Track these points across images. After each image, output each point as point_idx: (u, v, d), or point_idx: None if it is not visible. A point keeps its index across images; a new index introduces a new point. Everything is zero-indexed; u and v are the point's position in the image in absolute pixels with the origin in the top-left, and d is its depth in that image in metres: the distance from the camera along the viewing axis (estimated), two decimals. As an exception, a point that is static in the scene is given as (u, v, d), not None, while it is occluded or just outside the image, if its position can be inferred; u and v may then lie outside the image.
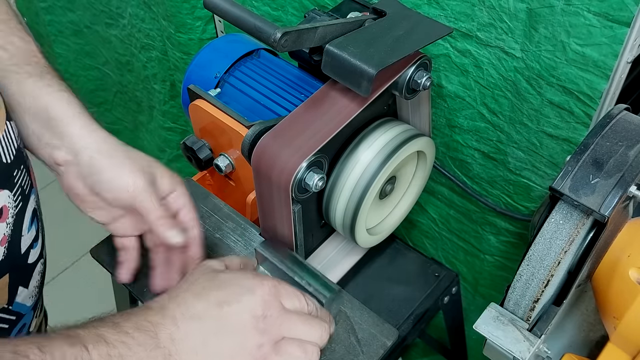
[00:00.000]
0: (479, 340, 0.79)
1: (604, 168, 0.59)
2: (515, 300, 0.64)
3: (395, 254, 0.97)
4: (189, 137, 0.84)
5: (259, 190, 0.75)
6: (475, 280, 1.08)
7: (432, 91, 0.86)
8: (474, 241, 1.02)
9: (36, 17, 1.68)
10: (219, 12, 0.66)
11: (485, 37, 0.76)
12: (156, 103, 1.46)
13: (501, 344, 0.62)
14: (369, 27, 0.70)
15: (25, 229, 0.63)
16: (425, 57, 0.72)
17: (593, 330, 0.73)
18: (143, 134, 1.69)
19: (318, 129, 0.70)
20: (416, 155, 0.82)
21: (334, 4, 0.87)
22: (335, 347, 0.70)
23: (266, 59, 0.87)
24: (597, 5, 0.64)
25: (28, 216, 0.64)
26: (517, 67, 0.75)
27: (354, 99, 0.71)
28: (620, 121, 0.63)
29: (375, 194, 0.75)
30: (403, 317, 0.89)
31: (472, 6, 0.74)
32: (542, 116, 0.77)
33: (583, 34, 0.67)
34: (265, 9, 1.01)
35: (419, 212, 1.08)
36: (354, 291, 0.88)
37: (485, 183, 0.92)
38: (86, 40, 1.61)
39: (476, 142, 0.88)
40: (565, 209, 0.61)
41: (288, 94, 0.81)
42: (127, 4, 1.31)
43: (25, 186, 0.63)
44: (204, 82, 0.84)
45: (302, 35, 0.64)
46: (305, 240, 0.78)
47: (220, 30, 1.17)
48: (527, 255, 0.62)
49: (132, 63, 1.48)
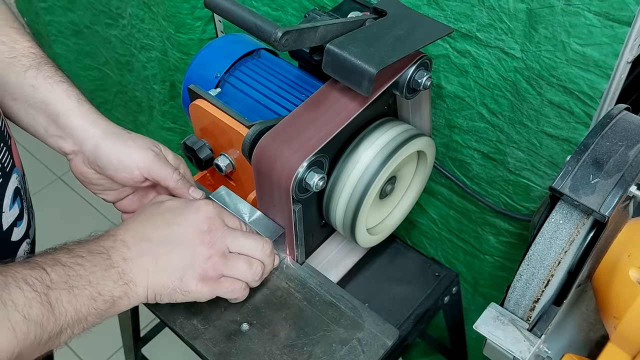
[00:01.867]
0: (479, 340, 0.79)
1: (604, 168, 0.59)
2: (516, 300, 0.64)
3: (396, 254, 0.97)
4: (189, 137, 0.84)
5: (259, 190, 0.75)
6: (474, 280, 1.08)
7: (431, 91, 0.86)
8: (474, 241, 1.02)
9: (36, 17, 1.69)
10: (219, 11, 0.66)
11: (485, 38, 0.76)
12: (156, 103, 1.46)
13: (501, 343, 0.62)
14: (369, 26, 0.70)
15: (6, 206, 0.65)
16: (426, 56, 0.72)
17: (593, 330, 0.73)
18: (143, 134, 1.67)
19: (318, 128, 0.70)
20: (416, 155, 0.83)
21: (333, 4, 0.87)
22: (336, 346, 0.70)
23: (266, 59, 0.87)
24: (597, 5, 0.64)
25: (9, 193, 0.66)
26: (516, 67, 0.75)
27: (354, 99, 0.71)
28: (620, 121, 0.63)
29: (375, 193, 0.75)
30: (403, 316, 0.89)
31: (471, 7, 0.74)
32: (542, 116, 0.77)
33: (583, 34, 0.67)
34: (265, 10, 1.01)
35: (418, 212, 1.08)
36: (354, 291, 0.88)
37: (485, 183, 0.92)
38: (86, 41, 1.61)
39: (476, 142, 0.88)
40: (565, 209, 0.61)
41: (288, 94, 0.81)
42: (127, 4, 1.31)
43: (5, 164, 0.65)
44: (204, 82, 0.84)
45: (302, 34, 0.64)
46: (306, 240, 0.78)
47: (220, 30, 1.17)
48: (527, 255, 0.62)
49: (132, 63, 1.48)
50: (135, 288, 0.62)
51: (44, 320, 0.53)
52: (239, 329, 0.72)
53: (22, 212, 0.69)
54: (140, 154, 0.71)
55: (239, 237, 0.67)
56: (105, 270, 0.60)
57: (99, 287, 0.58)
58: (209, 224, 0.66)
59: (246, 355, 0.70)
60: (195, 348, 0.71)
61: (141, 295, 0.62)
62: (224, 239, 0.66)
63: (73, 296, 0.56)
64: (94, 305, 0.58)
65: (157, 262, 0.63)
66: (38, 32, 1.75)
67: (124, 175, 0.71)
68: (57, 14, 1.60)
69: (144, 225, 0.65)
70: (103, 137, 0.70)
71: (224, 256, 0.66)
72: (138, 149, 0.71)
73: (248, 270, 0.67)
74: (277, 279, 0.76)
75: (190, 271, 0.64)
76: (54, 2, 1.58)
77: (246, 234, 0.69)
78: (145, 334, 1.31)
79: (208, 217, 0.66)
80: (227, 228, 0.68)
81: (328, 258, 0.89)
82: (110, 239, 0.63)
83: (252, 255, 0.68)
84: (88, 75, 1.71)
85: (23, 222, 0.69)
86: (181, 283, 0.64)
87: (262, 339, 0.71)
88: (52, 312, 0.54)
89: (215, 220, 0.67)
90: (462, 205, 0.99)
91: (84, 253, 0.59)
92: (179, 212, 0.67)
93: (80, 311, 0.57)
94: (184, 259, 0.64)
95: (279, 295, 0.75)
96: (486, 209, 0.95)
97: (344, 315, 0.73)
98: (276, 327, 0.72)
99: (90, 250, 0.60)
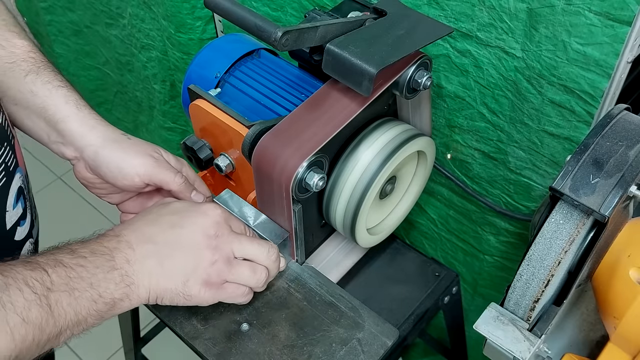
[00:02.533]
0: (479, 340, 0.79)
1: (604, 168, 0.59)
2: (516, 300, 0.64)
3: (395, 254, 0.97)
4: (189, 137, 0.84)
5: (259, 190, 0.75)
6: (474, 280, 1.08)
7: (431, 91, 0.86)
8: (474, 241, 1.02)
9: (36, 17, 1.68)
10: (219, 11, 0.66)
11: (486, 37, 0.76)
12: (156, 103, 1.46)
13: (501, 343, 0.62)
14: (369, 26, 0.70)
15: (10, 205, 0.65)
16: (426, 56, 0.72)
17: (593, 330, 0.73)
18: (143, 134, 1.68)
19: (318, 128, 0.70)
20: (416, 155, 0.82)
21: (333, 4, 0.87)
22: (336, 346, 0.70)
23: (266, 59, 0.87)
24: (598, 4, 0.64)
25: (13, 193, 0.66)
26: (517, 66, 0.75)
27: (354, 99, 0.71)
28: (620, 121, 0.63)
29: (375, 193, 0.75)
30: (403, 317, 0.89)
31: (472, 6, 0.74)
32: (543, 115, 0.77)
33: (584, 34, 0.67)
34: (265, 10, 1.01)
35: (418, 213, 1.08)
36: (354, 291, 0.88)
37: (485, 183, 0.92)
38: (86, 40, 1.61)
39: (476, 142, 0.88)
40: (565, 209, 0.61)
41: (288, 94, 0.81)
42: (127, 4, 1.31)
43: (9, 163, 0.65)
44: (204, 82, 0.84)
45: (303, 34, 0.64)
46: (306, 240, 0.78)
47: (220, 30, 1.17)
48: (528, 255, 0.62)
49: (132, 63, 1.48)
50: (137, 290, 0.61)
51: (42, 323, 0.53)
52: (239, 329, 0.72)
53: (26, 212, 0.69)
54: (140, 161, 0.70)
55: (245, 243, 0.67)
56: (108, 272, 0.59)
57: (101, 289, 0.58)
58: (216, 229, 0.65)
59: (246, 355, 0.70)
60: (195, 348, 0.71)
61: (143, 297, 0.62)
62: (229, 244, 0.66)
63: (73, 298, 0.56)
64: (94, 307, 0.57)
65: (161, 265, 0.62)
66: (38, 32, 1.75)
67: (124, 182, 0.71)
68: (57, 14, 1.60)
69: (149, 226, 0.64)
70: (102, 144, 0.70)
71: (229, 262, 0.65)
72: (137, 156, 0.71)
73: (252, 276, 0.67)
74: (277, 279, 0.76)
75: (194, 276, 0.63)
76: (54, 2, 1.58)
77: (252, 240, 0.68)
78: (145, 334, 1.31)
79: (215, 222, 0.65)
80: (234, 233, 0.67)
81: (328, 258, 0.88)
82: (115, 240, 0.62)
83: (258, 261, 0.68)
84: (88, 75, 1.71)
85: (26, 222, 0.69)
86: (184, 287, 0.63)
87: (262, 339, 0.71)
88: (51, 314, 0.53)
89: (222, 225, 0.66)
90: (462, 205, 0.98)
91: (86, 254, 0.59)
92: (185, 214, 0.66)
93: (80, 313, 0.56)
94: (188, 263, 0.63)
95: (279, 295, 0.75)
96: (486, 209, 0.94)
97: (344, 315, 0.72)
98: (276, 327, 0.72)
99: (93, 251, 0.59)
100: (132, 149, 0.71)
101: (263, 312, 0.73)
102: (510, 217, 0.91)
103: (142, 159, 0.70)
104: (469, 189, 0.92)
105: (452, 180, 0.93)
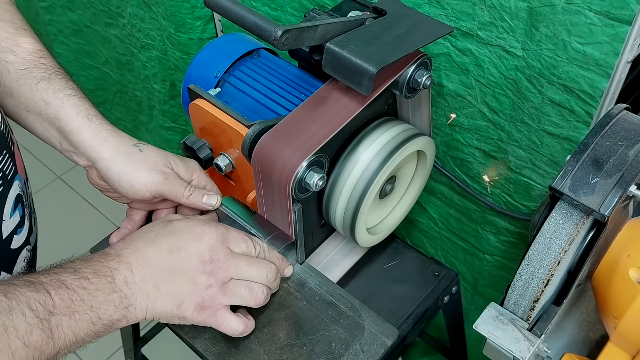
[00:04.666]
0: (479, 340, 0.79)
1: (604, 168, 0.59)
2: (516, 300, 0.64)
3: (396, 254, 0.97)
4: (189, 136, 0.84)
5: (259, 190, 0.75)
6: (475, 280, 1.08)
7: (432, 90, 0.86)
8: (474, 241, 1.02)
9: (36, 17, 1.68)
10: (219, 10, 0.66)
11: (486, 36, 0.76)
12: (156, 103, 1.46)
13: (501, 343, 0.62)
14: (369, 26, 0.70)
15: (7, 215, 0.65)
16: (426, 56, 0.72)
17: (593, 330, 0.73)
18: (143, 133, 1.68)
19: (318, 128, 0.70)
20: (416, 155, 0.82)
21: (333, 3, 0.87)
22: (336, 346, 0.70)
23: (266, 59, 0.87)
24: (598, 4, 0.64)
25: (11, 201, 0.66)
26: (518, 66, 0.75)
27: (354, 99, 0.71)
28: (620, 121, 0.63)
29: (375, 193, 0.75)
30: (403, 316, 0.89)
31: (473, 5, 0.74)
32: (543, 115, 0.77)
33: (584, 33, 0.67)
34: (265, 10, 1.01)
35: (418, 212, 1.08)
36: (354, 291, 0.88)
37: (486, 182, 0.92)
38: (86, 40, 1.61)
39: (477, 141, 0.88)
40: (565, 209, 0.61)
41: (288, 94, 0.81)
42: (127, 4, 1.31)
43: (7, 171, 0.65)
44: (204, 82, 0.84)
45: (303, 33, 0.64)
46: (306, 240, 0.78)
47: (220, 30, 1.17)
48: (527, 255, 0.62)
49: (132, 63, 1.48)
50: (135, 312, 0.62)
51: (43, 346, 0.54)
52: (238, 328, 0.72)
53: (24, 219, 0.69)
54: (151, 178, 0.71)
55: (242, 267, 0.67)
56: (108, 294, 0.60)
57: (100, 312, 0.59)
58: (211, 254, 0.66)
59: (246, 355, 0.70)
60: (195, 348, 0.71)
61: (140, 318, 0.63)
62: (226, 269, 0.66)
63: (74, 321, 0.57)
64: (93, 328, 0.59)
65: (158, 289, 0.64)
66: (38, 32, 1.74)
67: (136, 197, 0.72)
68: (57, 14, 1.60)
69: (149, 247, 0.65)
70: (114, 159, 0.71)
71: (225, 285, 0.66)
72: (148, 172, 0.72)
73: (249, 296, 0.67)
74: (277, 279, 0.76)
75: (189, 300, 0.65)
76: (54, 2, 1.58)
77: (250, 263, 0.68)
78: (145, 334, 1.31)
79: (211, 247, 0.66)
80: (231, 256, 0.67)
81: (328, 258, 0.88)
82: (116, 260, 0.63)
83: (256, 282, 0.68)
84: (88, 75, 1.71)
85: (24, 230, 0.69)
86: (179, 310, 0.65)
87: (262, 339, 0.71)
88: (52, 337, 0.54)
89: (218, 250, 0.66)
90: (463, 204, 0.98)
91: (89, 275, 0.60)
92: (184, 237, 0.66)
93: (79, 334, 0.57)
94: (183, 287, 0.65)
95: (279, 295, 0.75)
96: (487, 209, 0.94)
97: (344, 315, 0.72)
98: (276, 327, 0.72)
99: (96, 272, 0.60)
100: (144, 165, 0.72)
101: (263, 312, 0.73)
102: (511, 216, 0.91)
103: (153, 177, 0.72)
104: (470, 189, 0.92)
105: (453, 180, 0.93)
